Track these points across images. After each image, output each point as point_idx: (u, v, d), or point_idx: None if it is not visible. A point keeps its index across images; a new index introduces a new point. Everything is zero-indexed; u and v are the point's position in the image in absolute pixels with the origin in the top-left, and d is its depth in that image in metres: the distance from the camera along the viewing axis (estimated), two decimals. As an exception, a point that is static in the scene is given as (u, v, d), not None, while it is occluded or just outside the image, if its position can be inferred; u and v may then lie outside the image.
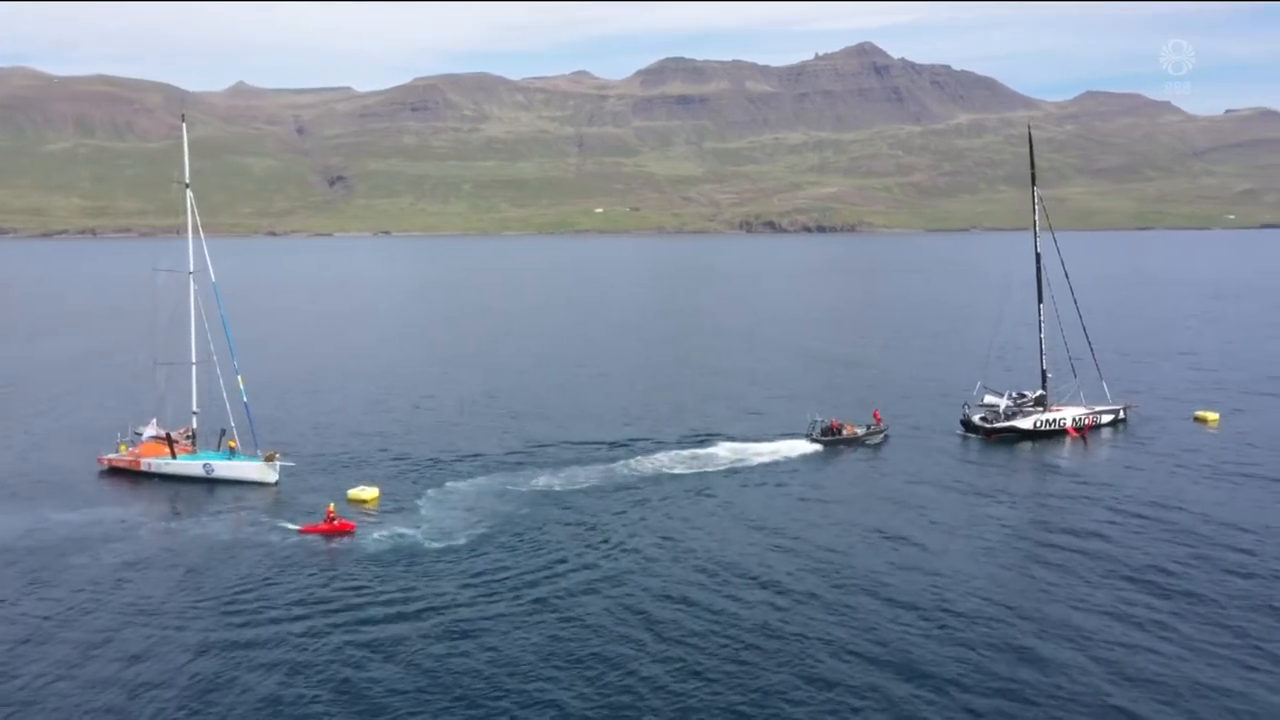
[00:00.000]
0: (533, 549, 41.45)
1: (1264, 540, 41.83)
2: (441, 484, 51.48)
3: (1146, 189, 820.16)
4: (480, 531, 43.52)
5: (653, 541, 42.65)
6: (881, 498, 49.25)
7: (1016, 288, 68.23)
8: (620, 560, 40.20)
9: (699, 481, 52.17)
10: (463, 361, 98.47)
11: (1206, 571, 38.29)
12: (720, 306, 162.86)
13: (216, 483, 52.30)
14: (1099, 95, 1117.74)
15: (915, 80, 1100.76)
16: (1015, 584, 37.39)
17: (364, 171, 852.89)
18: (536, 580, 37.97)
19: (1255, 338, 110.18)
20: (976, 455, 59.17)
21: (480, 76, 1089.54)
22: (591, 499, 48.89)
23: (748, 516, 46.14)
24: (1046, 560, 39.86)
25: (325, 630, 33.87)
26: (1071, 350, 68.79)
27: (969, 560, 39.76)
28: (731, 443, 60.78)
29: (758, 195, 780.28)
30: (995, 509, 46.88)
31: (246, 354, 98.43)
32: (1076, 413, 65.38)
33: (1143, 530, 43.40)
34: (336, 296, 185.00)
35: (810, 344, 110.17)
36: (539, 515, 45.99)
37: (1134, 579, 37.60)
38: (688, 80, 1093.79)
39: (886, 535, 43.30)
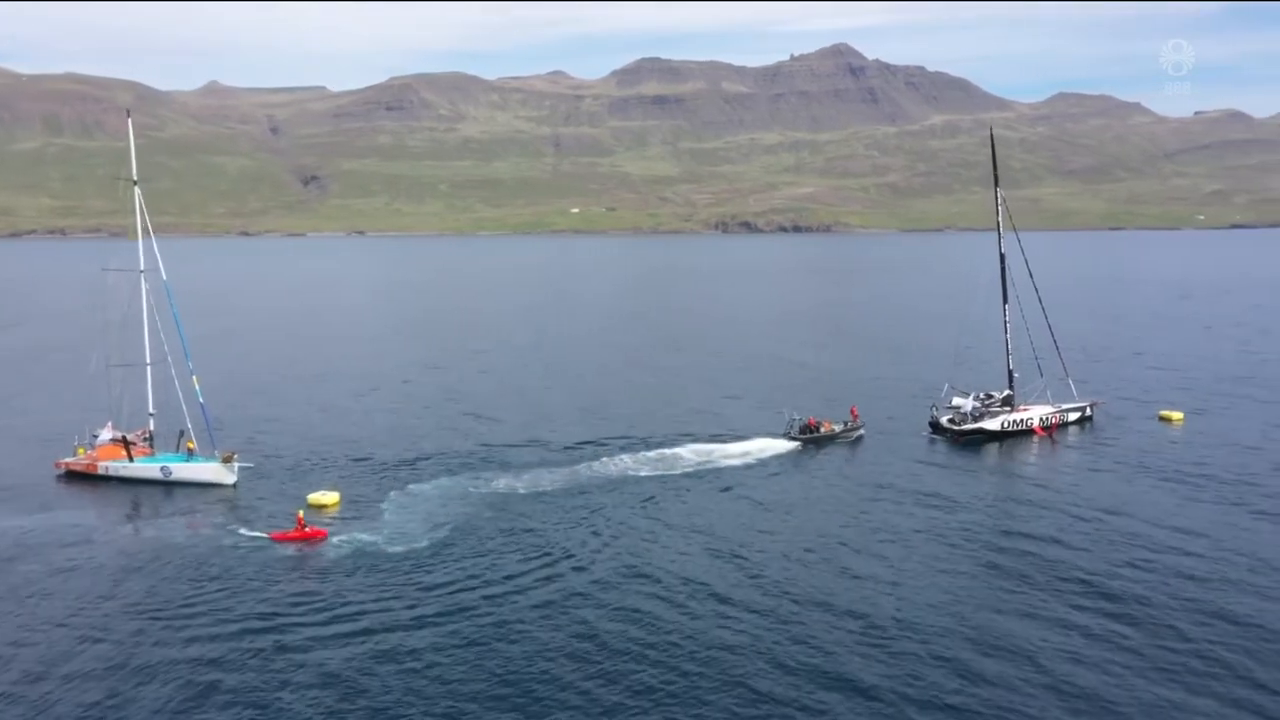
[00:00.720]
0: (494, 556, 40.80)
1: (1218, 544, 41.84)
2: (404, 488, 50.81)
3: (1118, 190, 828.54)
4: (441, 537, 42.90)
5: (614, 546, 42.19)
6: (844, 503, 48.83)
7: (983, 288, 68.37)
8: (579, 567, 39.58)
9: (665, 484, 51.79)
10: (428, 363, 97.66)
11: (1161, 577, 38.07)
12: (692, 307, 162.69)
13: (174, 485, 51.44)
14: (1070, 97, 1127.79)
15: (890, 81, 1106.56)
16: (969, 593, 36.79)
17: (338, 171, 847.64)
18: (495, 589, 37.26)
19: (1221, 337, 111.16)
20: (943, 458, 59.08)
21: (456, 76, 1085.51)
22: (555, 502, 48.38)
23: (710, 522, 45.70)
24: (1004, 567, 39.38)
25: (268, 640, 33.09)
26: (1037, 350, 69.04)
27: (925, 569, 39.14)
28: (704, 444, 60.52)
29: (733, 195, 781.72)
30: (956, 515, 46.50)
31: (209, 355, 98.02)
32: (1043, 412, 65.63)
33: (1100, 535, 43.11)
34: (303, 297, 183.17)
35: (780, 344, 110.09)
36: (502, 520, 45.44)
37: (1089, 587, 37.16)
38: (664, 80, 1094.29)
39: (844, 543, 42.69)
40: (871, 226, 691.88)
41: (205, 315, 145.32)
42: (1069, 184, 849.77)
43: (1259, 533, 43.12)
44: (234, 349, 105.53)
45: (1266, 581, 37.46)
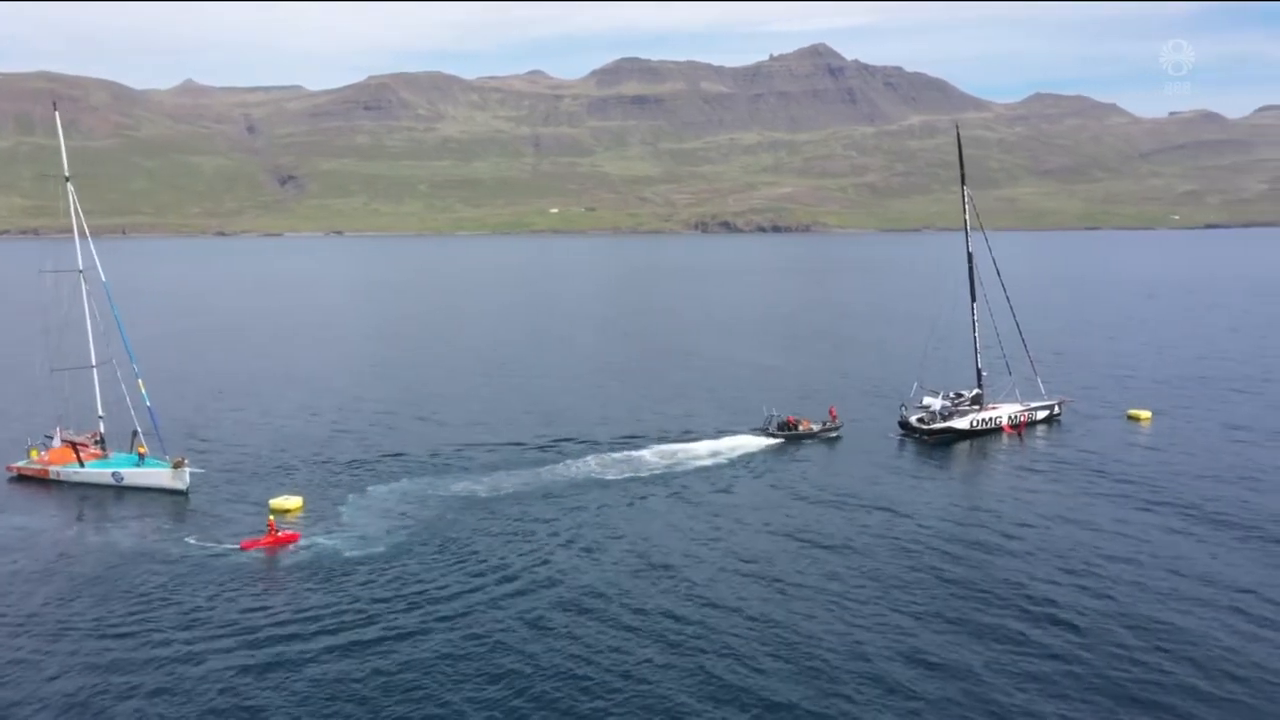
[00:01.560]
0: (455, 561, 39.75)
1: (1177, 549, 41.52)
2: (366, 491, 49.77)
3: (1094, 190, 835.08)
4: (399, 542, 41.90)
5: (574, 550, 41.35)
6: (805, 506, 47.92)
7: (952, 288, 68.20)
8: (540, 571, 38.73)
9: (630, 485, 51.09)
10: (394, 363, 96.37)
11: (1118, 583, 37.47)
12: (668, 307, 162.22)
13: (125, 491, 50.32)
14: (1047, 97, 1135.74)
15: (868, 81, 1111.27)
16: (923, 600, 35.79)
17: (316, 171, 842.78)
18: (458, 594, 36.26)
19: (1190, 336, 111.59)
20: (911, 459, 58.68)
21: (434, 76, 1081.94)
22: (519, 505, 47.52)
23: (669, 526, 44.89)
24: (960, 574, 38.35)
25: (217, 650, 32.09)
26: (1006, 348, 68.89)
27: (878, 577, 38.15)
28: (675, 443, 59.94)
29: (713, 195, 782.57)
30: (919, 519, 45.58)
31: (171, 356, 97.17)
32: (1012, 410, 65.46)
33: (1059, 539, 42.29)
34: (272, 298, 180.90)
35: (751, 344, 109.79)
36: (466, 523, 44.48)
37: (1044, 595, 36.27)
38: (643, 80, 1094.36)
39: (800, 548, 41.62)
40: (850, 226, 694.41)
41: (169, 316, 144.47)
42: (1046, 184, 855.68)
43: (1217, 538, 42.83)
44: (196, 350, 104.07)
45: (1217, 588, 37.16)
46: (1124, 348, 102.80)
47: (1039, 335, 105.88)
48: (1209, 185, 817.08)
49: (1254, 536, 42.20)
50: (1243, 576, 37.64)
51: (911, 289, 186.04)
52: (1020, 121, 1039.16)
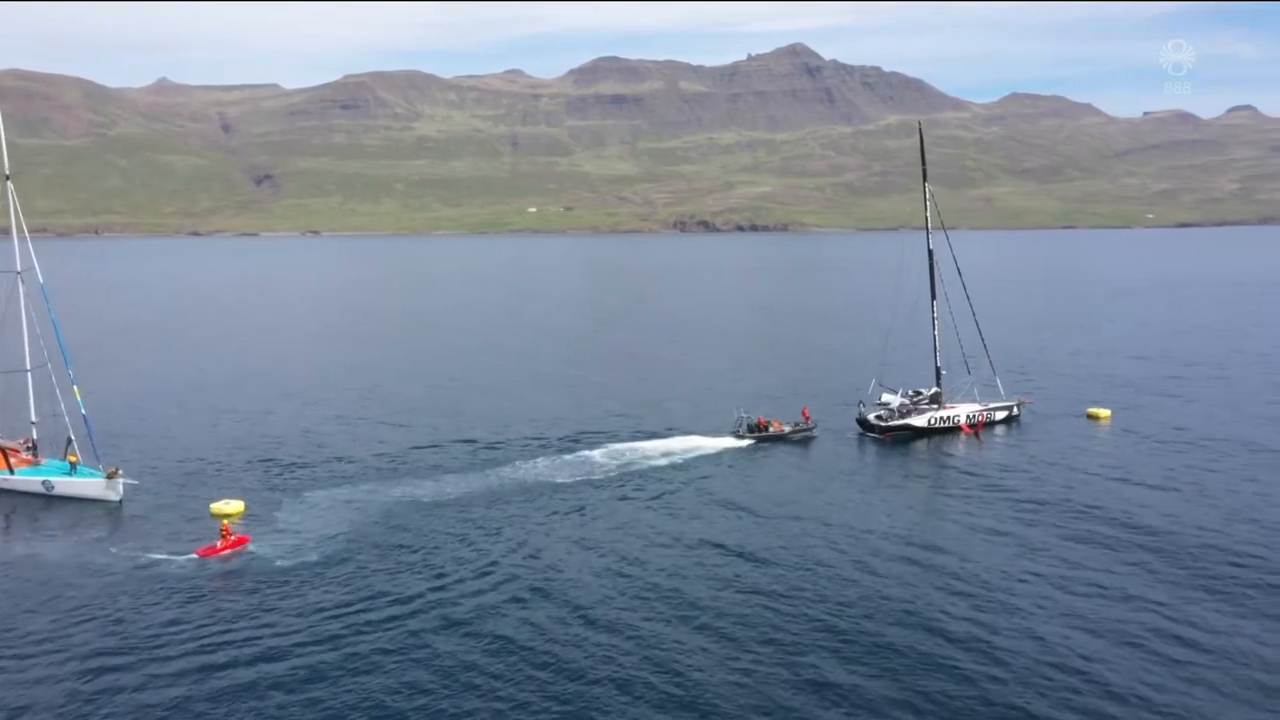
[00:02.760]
0: (397, 567, 38.66)
1: (1127, 549, 41.14)
2: (310, 495, 48.68)
3: (1070, 189, 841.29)
4: (342, 546, 40.76)
5: (520, 555, 40.57)
6: (757, 506, 47.12)
7: (913, 286, 67.93)
8: (472, 584, 37.46)
9: (581, 489, 50.23)
10: (347, 365, 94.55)
11: (1058, 585, 37.25)
12: (636, 307, 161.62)
13: (55, 500, 48.73)
14: (1024, 97, 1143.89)
15: (846, 81, 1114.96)
16: (862, 606, 35.17)
17: (292, 170, 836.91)
18: (399, 601, 35.21)
19: (1154, 335, 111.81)
20: (868, 457, 58.20)
21: (412, 74, 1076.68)
22: (469, 511, 46.52)
23: (620, 529, 44.07)
24: (905, 576, 37.92)
25: (135, 666, 30.91)
26: (965, 347, 68.61)
27: (821, 580, 37.51)
28: (640, 442, 59.23)
29: (691, 195, 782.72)
30: (870, 518, 45.15)
31: (113, 361, 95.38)
32: (970, 410, 65.13)
33: (1003, 545, 41.67)
34: (235, 298, 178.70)
35: (716, 345, 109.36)
36: (411, 528, 43.40)
37: (987, 599, 35.71)
38: (621, 80, 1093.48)
39: (743, 552, 40.59)
40: (827, 225, 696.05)
41: (117, 317, 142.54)
42: (1023, 183, 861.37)
43: (1171, 536, 42.54)
44: (145, 355, 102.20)
45: (1159, 594, 36.83)
46: (1088, 346, 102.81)
47: (1003, 334, 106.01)
48: (1183, 185, 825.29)
49: (1199, 542, 41.85)
50: (1186, 581, 37.28)
51: (883, 288, 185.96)
52: (997, 121, 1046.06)
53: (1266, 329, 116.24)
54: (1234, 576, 37.31)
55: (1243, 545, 40.40)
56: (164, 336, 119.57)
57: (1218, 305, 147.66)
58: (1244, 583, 36.73)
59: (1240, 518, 43.88)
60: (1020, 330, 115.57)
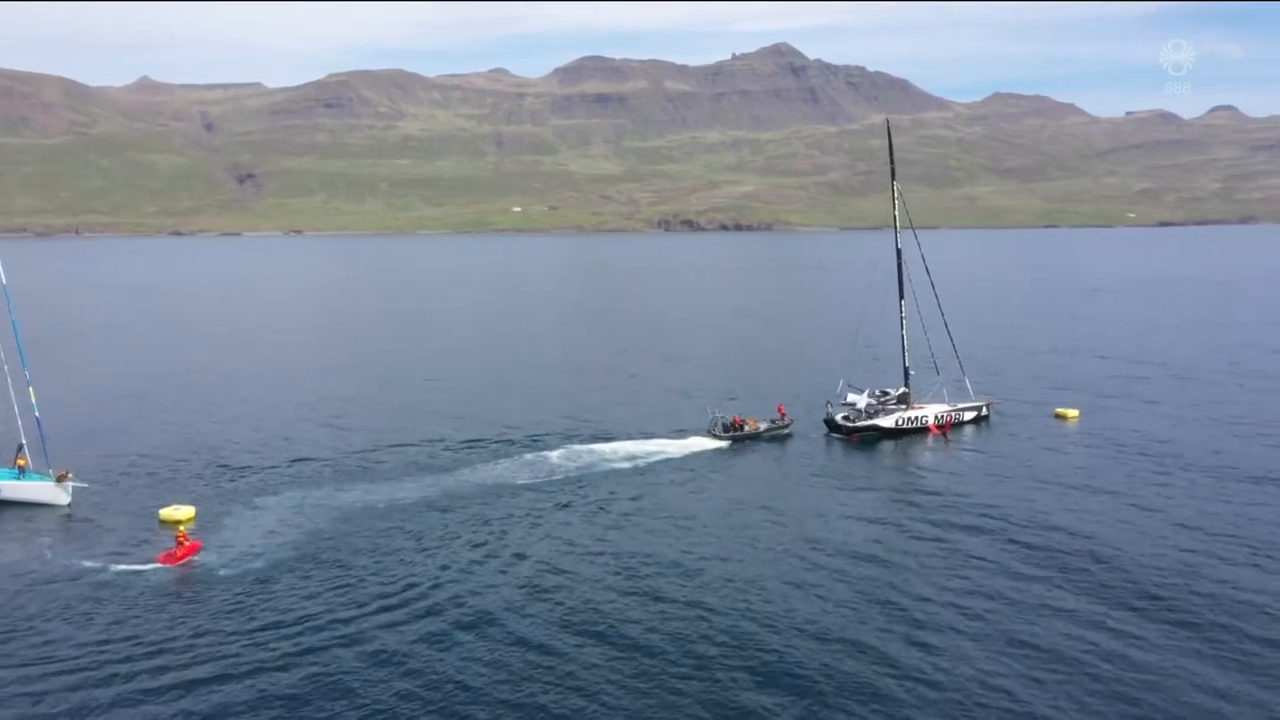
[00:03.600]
0: (352, 576, 37.80)
1: (1085, 551, 40.85)
2: (263, 500, 47.83)
3: (1052, 188, 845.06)
4: (295, 554, 39.99)
5: (476, 563, 39.93)
6: (706, 513, 46.08)
7: (882, 284, 67.62)
8: (427, 594, 36.66)
9: (545, 491, 49.70)
10: (309, 366, 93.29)
11: (1014, 591, 37.10)
12: (616, 305, 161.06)
13: (2, 505, 47.68)
14: (1007, 97, 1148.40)
15: (830, 81, 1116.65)
16: (816, 610, 34.80)
17: (275, 169, 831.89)
18: (352, 612, 34.34)
19: (1126, 334, 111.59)
20: (832, 459, 57.62)
21: (396, 73, 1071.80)
22: (442, 510, 46.00)
23: (573, 534, 43.70)
24: (864, 582, 37.59)
25: (68, 677, 30.10)
26: (934, 347, 68.32)
27: (776, 585, 37.03)
28: (603, 444, 58.62)
29: (676, 194, 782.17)
30: (823, 526, 44.39)
31: (75, 362, 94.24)
32: (939, 410, 64.85)
33: (950, 554, 40.88)
34: (206, 300, 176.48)
35: (693, 341, 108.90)
36: (367, 534, 42.64)
37: (927, 613, 34.78)
38: (606, 79, 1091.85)
39: (681, 564, 39.43)
40: (812, 225, 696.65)
41: (80, 318, 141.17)
42: (1006, 182, 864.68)
43: (1130, 538, 42.32)
44: (110, 352, 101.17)
45: (1121, 594, 36.59)
46: (1060, 345, 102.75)
47: (975, 334, 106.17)
48: (1164, 184, 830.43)
49: (1150, 550, 41.59)
50: (1132, 591, 36.99)
51: (861, 286, 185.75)
52: (980, 121, 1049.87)
53: (1240, 328, 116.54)
54: (1181, 589, 36.89)
55: (1193, 555, 39.91)
56: (129, 337, 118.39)
57: (1193, 304, 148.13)
58: (1189, 596, 36.36)
59: (1194, 525, 43.19)
60: (993, 330, 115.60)
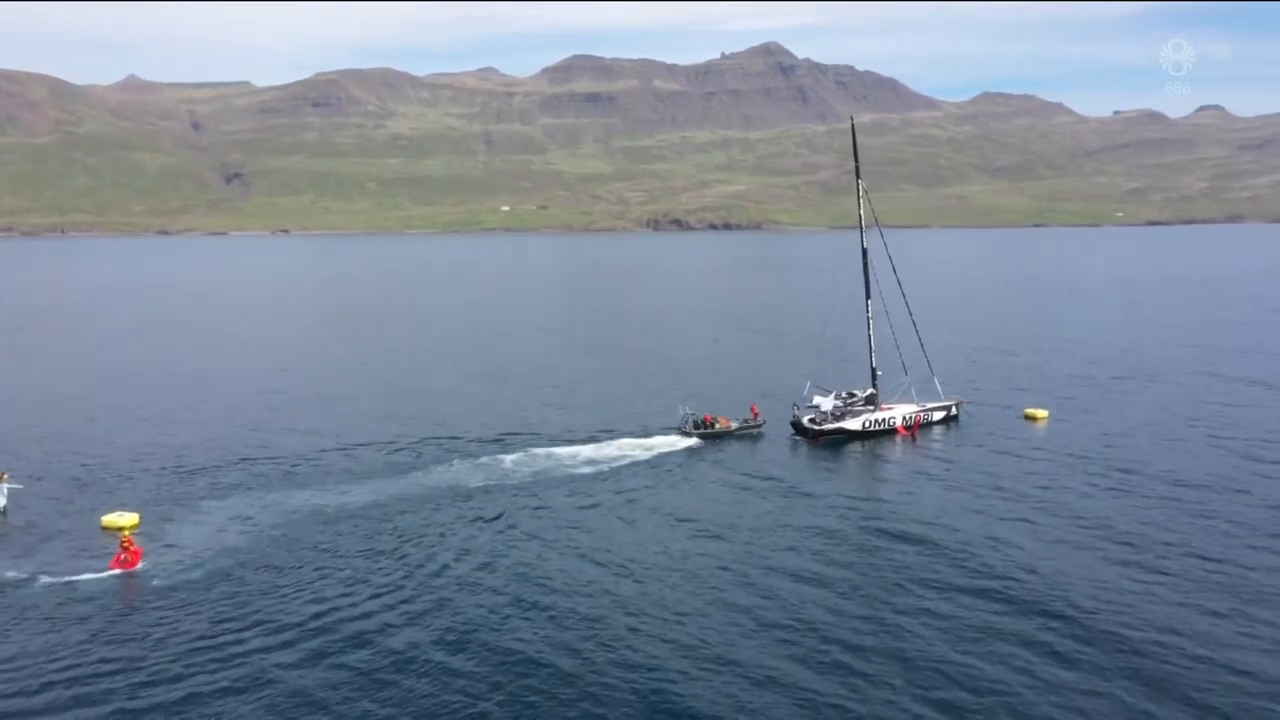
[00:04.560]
0: (298, 586, 36.71)
1: (1046, 559, 40.26)
2: (211, 506, 46.58)
3: (1041, 187, 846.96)
4: (231, 563, 38.86)
5: (416, 575, 38.99)
6: (659, 521, 44.84)
7: (851, 284, 66.90)
8: (370, 606, 35.72)
9: (500, 495, 48.79)
10: (276, 369, 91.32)
11: (977, 597, 36.36)
12: (596, 304, 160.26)
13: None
14: (996, 96, 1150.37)
15: (820, 80, 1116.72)
16: (733, 635, 33.75)
17: (263, 169, 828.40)
18: (298, 624, 33.23)
19: (1104, 334, 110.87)
20: (795, 463, 56.56)
21: (385, 72, 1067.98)
22: (399, 514, 45.11)
23: (527, 538, 42.85)
24: (786, 599, 36.78)
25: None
26: (902, 347, 67.61)
27: (685, 605, 35.78)
28: (550, 447, 57.57)
29: (666, 193, 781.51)
30: (773, 535, 43.44)
31: (20, 362, 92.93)
32: (907, 411, 64.14)
33: (906, 561, 40.11)
34: (171, 299, 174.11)
35: (660, 340, 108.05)
36: (316, 542, 41.51)
37: (869, 628, 34.14)
38: (596, 78, 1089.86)
39: (626, 572, 38.28)
40: (801, 224, 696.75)
41: (51, 315, 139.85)
42: (995, 182, 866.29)
43: (1093, 544, 41.64)
44: (66, 358, 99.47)
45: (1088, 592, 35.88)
46: (1036, 345, 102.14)
47: (952, 333, 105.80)
48: (1152, 183, 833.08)
49: (1126, 543, 41.02)
50: (1114, 583, 36.38)
51: (842, 285, 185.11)
52: (969, 120, 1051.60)
53: (1216, 328, 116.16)
54: (1117, 607, 36.27)
55: (1156, 562, 39.32)
56: (84, 335, 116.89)
57: (1173, 304, 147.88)
58: (1122, 613, 35.72)
59: (1140, 537, 42.07)
60: (971, 329, 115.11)
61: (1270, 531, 41.96)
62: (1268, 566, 37.91)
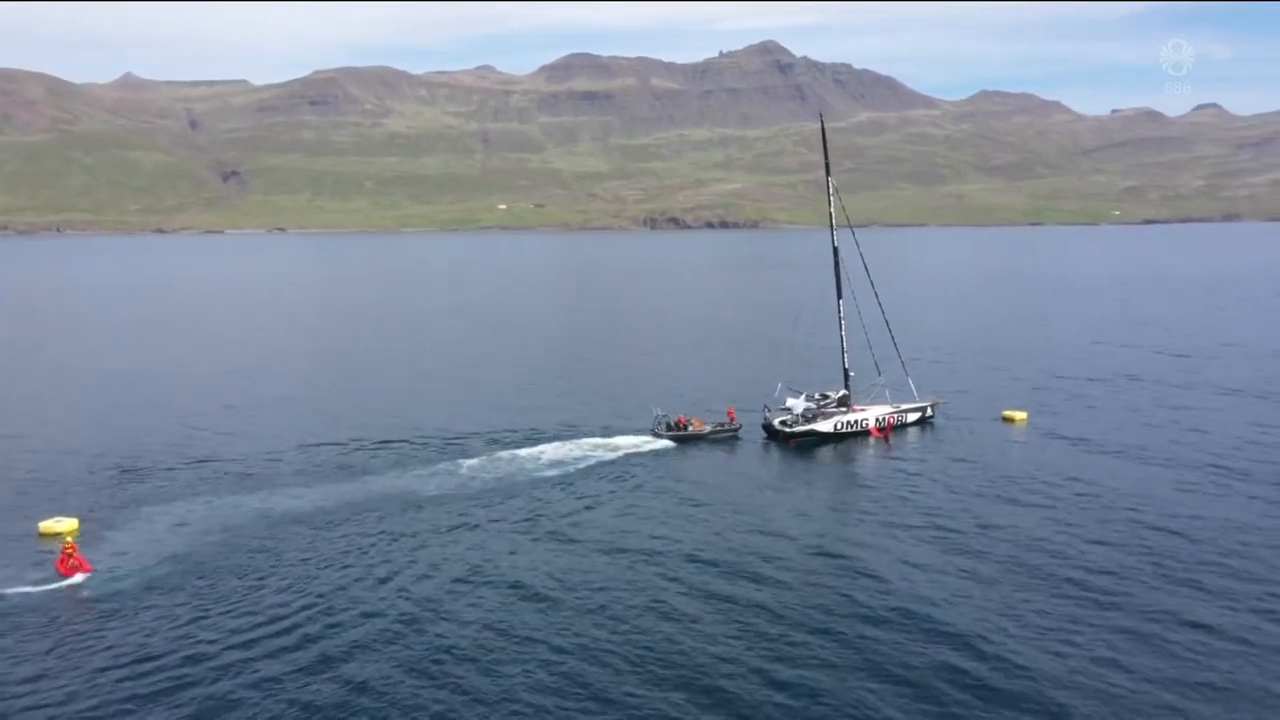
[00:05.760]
0: (236, 600, 35.43)
1: (1019, 562, 39.16)
2: (156, 511, 45.36)
3: (1038, 186, 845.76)
4: (172, 571, 37.69)
5: (351, 588, 37.80)
6: (612, 529, 43.54)
7: (820, 283, 65.72)
8: (320, 622, 34.37)
9: (457, 504, 47.62)
10: (239, 370, 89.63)
11: (932, 607, 35.19)
12: (580, 304, 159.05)
13: None
14: (993, 95, 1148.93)
15: (818, 79, 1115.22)
16: (684, 646, 33.03)
17: (260, 167, 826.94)
18: (242, 637, 32.12)
19: (1089, 334, 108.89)
20: (766, 467, 55.28)
21: (382, 71, 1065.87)
22: (363, 517, 43.93)
23: (480, 544, 41.71)
24: (773, 596, 35.89)
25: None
26: (876, 348, 66.38)
27: (638, 618, 34.74)
28: (515, 449, 56.36)
29: (662, 192, 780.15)
30: (732, 545, 42.09)
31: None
32: (880, 412, 62.90)
33: (892, 559, 39.68)
34: (158, 300, 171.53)
35: (641, 340, 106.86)
36: (264, 550, 40.25)
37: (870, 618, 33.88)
38: (593, 76, 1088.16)
39: (573, 584, 36.97)
40: (798, 223, 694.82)
41: (11, 322, 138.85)
42: (992, 180, 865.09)
43: (1069, 548, 40.50)
44: (26, 354, 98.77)
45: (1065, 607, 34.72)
46: (1019, 345, 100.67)
47: (933, 334, 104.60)
48: (1149, 182, 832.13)
49: (1078, 567, 39.89)
50: (1053, 612, 35.24)
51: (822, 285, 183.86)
52: (967, 119, 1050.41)
53: (1200, 328, 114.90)
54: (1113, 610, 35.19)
55: (1129, 571, 38.31)
56: (59, 335, 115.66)
57: (1161, 303, 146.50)
58: (1118, 617, 34.62)
59: (1128, 542, 41.36)
60: (954, 329, 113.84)
61: (1242, 543, 40.86)
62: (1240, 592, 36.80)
